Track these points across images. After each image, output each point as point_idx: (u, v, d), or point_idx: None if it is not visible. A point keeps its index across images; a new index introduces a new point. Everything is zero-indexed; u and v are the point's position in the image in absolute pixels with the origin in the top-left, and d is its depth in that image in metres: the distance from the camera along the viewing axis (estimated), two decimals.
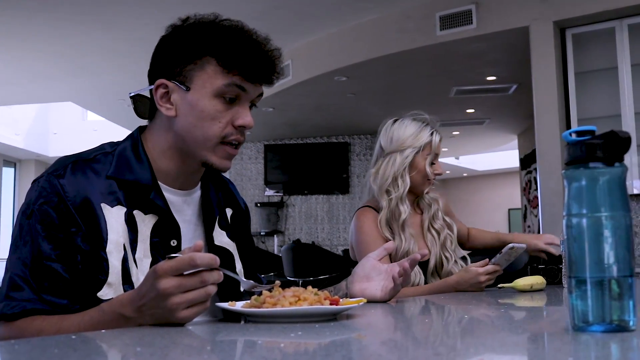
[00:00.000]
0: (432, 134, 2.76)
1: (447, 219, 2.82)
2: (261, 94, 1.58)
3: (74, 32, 7.44)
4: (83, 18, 7.02)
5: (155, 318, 1.24)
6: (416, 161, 2.73)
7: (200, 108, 1.49)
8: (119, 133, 10.56)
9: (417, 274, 2.63)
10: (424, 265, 2.68)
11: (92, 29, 7.34)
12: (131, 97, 1.62)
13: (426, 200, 2.83)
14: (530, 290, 2.36)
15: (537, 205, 7.20)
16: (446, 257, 2.72)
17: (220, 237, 1.68)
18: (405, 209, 2.67)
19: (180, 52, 1.52)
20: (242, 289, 1.47)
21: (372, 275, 1.86)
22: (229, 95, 1.50)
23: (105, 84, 9.46)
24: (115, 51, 7.99)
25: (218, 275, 1.24)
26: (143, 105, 1.60)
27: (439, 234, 2.77)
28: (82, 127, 16.16)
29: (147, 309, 1.24)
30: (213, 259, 1.22)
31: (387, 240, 2.60)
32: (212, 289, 1.24)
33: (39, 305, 1.38)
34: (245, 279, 1.46)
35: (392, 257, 2.56)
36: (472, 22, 6.35)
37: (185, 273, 1.22)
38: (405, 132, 2.76)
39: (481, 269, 2.41)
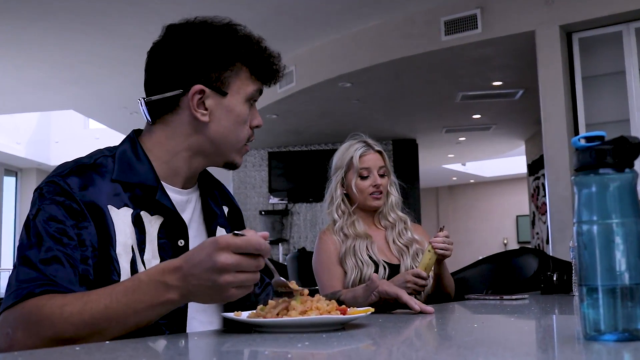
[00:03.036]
0: (355, 150, 2.91)
1: (417, 236, 2.92)
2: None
3: (74, 40, 7.47)
4: (84, 26, 7.05)
5: (199, 290, 1.23)
6: (348, 179, 2.91)
7: (237, 113, 1.58)
8: (120, 141, 10.53)
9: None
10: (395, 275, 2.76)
11: (93, 37, 7.37)
12: (147, 103, 1.59)
13: (390, 219, 2.94)
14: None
15: (546, 211, 7.19)
16: None
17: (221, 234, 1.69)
18: (337, 217, 2.89)
19: (216, 58, 1.55)
20: (272, 281, 1.45)
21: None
22: (254, 100, 1.61)
23: (106, 91, 9.49)
24: (117, 59, 8.02)
25: (264, 263, 1.26)
26: (158, 110, 1.59)
27: (407, 247, 2.88)
28: (84, 135, 16.16)
29: (195, 279, 1.22)
30: (270, 249, 1.25)
31: (341, 258, 2.78)
32: (258, 275, 1.26)
33: (54, 287, 1.31)
34: (280, 277, 1.45)
35: (346, 253, 2.77)
36: (477, 27, 6.35)
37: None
38: (335, 157, 2.98)
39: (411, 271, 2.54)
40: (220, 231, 1.69)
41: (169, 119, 1.59)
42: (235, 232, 1.21)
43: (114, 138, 11.83)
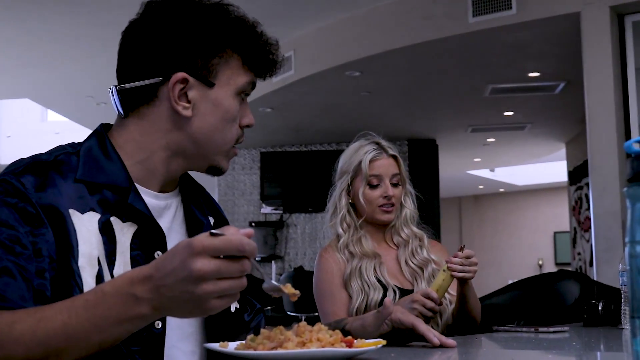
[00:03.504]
0: (365, 153, 2.91)
1: (434, 256, 2.92)
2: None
3: (30, 15, 7.44)
4: None
5: (175, 304, 1.21)
6: (354, 187, 2.92)
7: (225, 108, 1.58)
8: (86, 136, 10.52)
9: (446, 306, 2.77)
10: None
11: (54, 12, 7.35)
12: (120, 92, 1.60)
13: (402, 236, 2.96)
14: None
15: (590, 228, 7.19)
16: None
17: None
18: (341, 232, 2.91)
19: (203, 42, 1.56)
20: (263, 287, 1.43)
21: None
22: (245, 94, 1.61)
23: (69, 77, 9.47)
24: (82, 37, 8.00)
25: (250, 266, 1.22)
26: (132, 101, 1.60)
27: (422, 269, 2.89)
28: (42, 129, 16.16)
29: (168, 290, 1.19)
30: (256, 249, 1.20)
31: (345, 280, 2.80)
32: (245, 281, 1.22)
33: (1, 304, 1.31)
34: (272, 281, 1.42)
35: (351, 274, 2.77)
36: (511, 7, 6.35)
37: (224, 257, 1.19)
38: (342, 159, 2.99)
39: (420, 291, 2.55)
40: None
41: (145, 112, 1.59)
42: (212, 231, 1.18)
43: (78, 133, 11.85)
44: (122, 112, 1.60)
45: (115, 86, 1.60)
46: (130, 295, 1.22)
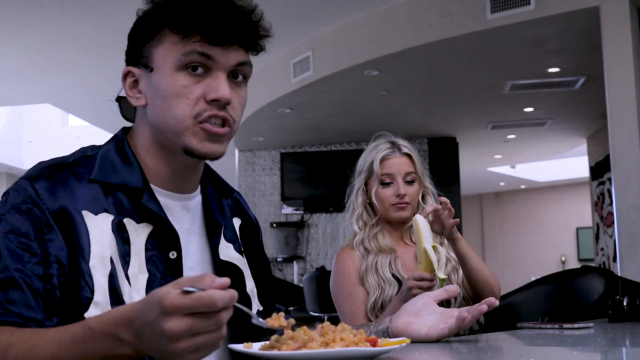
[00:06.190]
0: (377, 152, 2.93)
1: (452, 255, 2.91)
2: (245, 63, 1.57)
3: (49, 20, 7.48)
4: (62, 4, 7.06)
5: (154, 352, 1.21)
6: (369, 186, 2.95)
7: (164, 87, 1.53)
8: (106, 140, 10.56)
9: None
10: None
11: (72, 16, 7.38)
12: (117, 101, 1.67)
13: None
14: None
15: (612, 223, 7.14)
16: None
17: (227, 251, 1.70)
18: (357, 230, 2.94)
19: (138, 31, 1.60)
20: (253, 321, 1.42)
21: (423, 312, 1.94)
22: (193, 65, 1.53)
23: (89, 82, 9.52)
24: (101, 43, 8.04)
25: (231, 313, 1.20)
26: (130, 107, 1.66)
27: None
28: (63, 133, 16.26)
29: (147, 339, 1.20)
30: (233, 297, 1.17)
31: (362, 277, 2.81)
32: (225, 331, 1.20)
33: (7, 317, 1.36)
34: (259, 318, 1.41)
35: (367, 270, 2.80)
36: (529, 3, 6.32)
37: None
38: (360, 159, 3.02)
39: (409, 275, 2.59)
40: (227, 247, 1.70)
41: (137, 112, 1.65)
42: (185, 288, 1.14)
43: (99, 137, 11.88)
44: (126, 119, 1.66)
45: (117, 97, 1.66)
46: (114, 335, 1.23)
